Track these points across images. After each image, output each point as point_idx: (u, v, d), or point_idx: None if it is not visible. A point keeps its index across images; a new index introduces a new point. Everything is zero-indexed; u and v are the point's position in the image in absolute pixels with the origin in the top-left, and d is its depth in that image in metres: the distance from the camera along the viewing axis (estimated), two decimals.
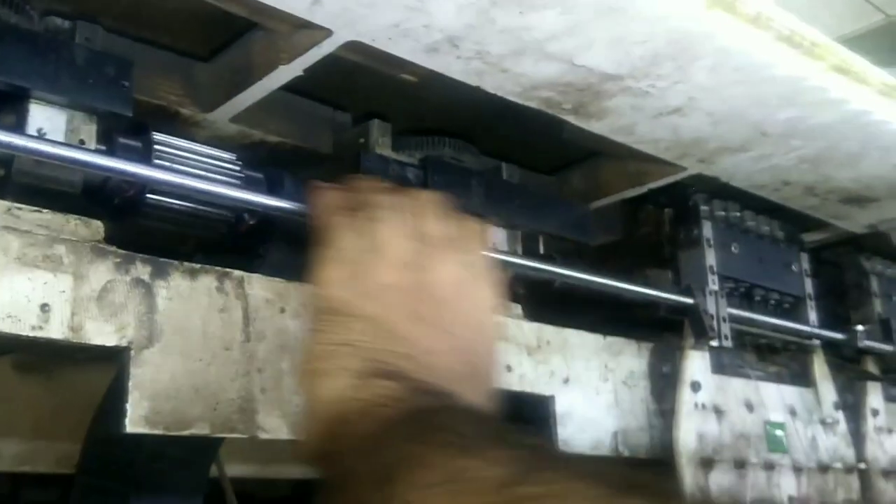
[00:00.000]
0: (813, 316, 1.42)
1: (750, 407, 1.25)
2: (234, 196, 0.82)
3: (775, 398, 1.30)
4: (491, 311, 0.77)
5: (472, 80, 0.90)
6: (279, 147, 1.02)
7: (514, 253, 1.06)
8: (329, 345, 0.69)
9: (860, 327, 1.46)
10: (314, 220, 0.78)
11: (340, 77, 0.92)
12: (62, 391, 1.13)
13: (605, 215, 1.21)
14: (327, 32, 0.80)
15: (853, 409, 1.43)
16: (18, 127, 0.75)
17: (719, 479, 1.17)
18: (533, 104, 0.95)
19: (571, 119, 0.99)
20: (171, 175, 0.78)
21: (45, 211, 0.77)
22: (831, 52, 0.91)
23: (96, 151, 0.77)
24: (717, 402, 1.20)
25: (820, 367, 1.41)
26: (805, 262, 1.43)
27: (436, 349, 0.71)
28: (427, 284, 0.73)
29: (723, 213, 1.31)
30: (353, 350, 0.68)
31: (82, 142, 0.77)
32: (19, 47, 0.73)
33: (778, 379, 1.34)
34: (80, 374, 1.13)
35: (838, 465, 1.33)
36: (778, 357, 1.39)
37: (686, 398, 1.17)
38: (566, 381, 1.10)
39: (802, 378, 1.39)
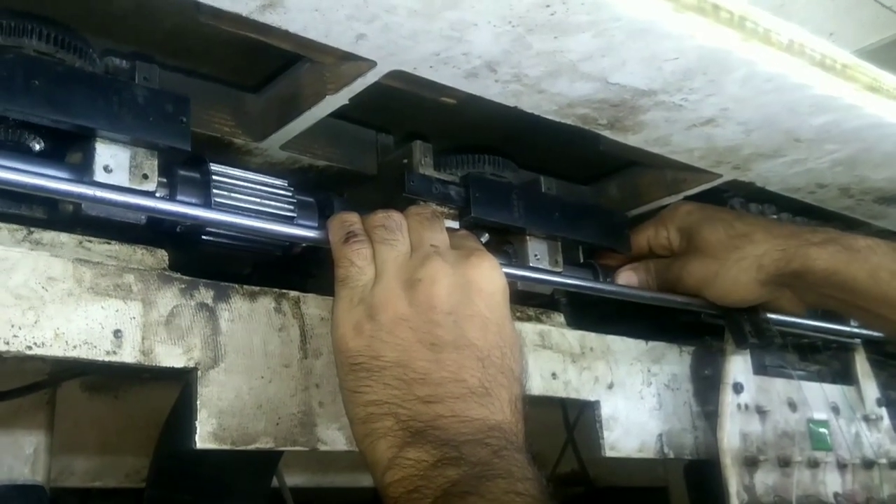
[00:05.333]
0: None
1: (793, 406, 1.27)
2: (285, 232, 0.86)
3: (818, 397, 1.31)
4: (497, 304, 0.79)
5: (509, 102, 0.92)
6: (327, 170, 1.05)
7: (555, 263, 1.09)
8: (365, 406, 0.74)
9: None
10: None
11: (383, 102, 0.94)
12: (128, 408, 1.18)
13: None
14: (371, 64, 0.83)
15: None
16: (86, 164, 0.79)
17: (764, 478, 1.19)
18: (569, 121, 0.97)
19: (607, 133, 1.01)
20: (228, 216, 0.82)
21: (113, 242, 0.81)
22: (862, 72, 0.93)
23: (161, 198, 0.81)
24: (760, 403, 1.22)
25: (862, 365, 1.42)
26: None
27: (462, 367, 0.74)
28: (432, 302, 0.76)
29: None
30: (388, 409, 0.73)
31: (146, 176, 0.80)
32: (84, 90, 0.77)
33: (820, 377, 1.36)
34: (145, 392, 1.18)
35: (883, 460, 1.34)
36: (819, 356, 1.40)
37: (729, 399, 1.19)
38: (610, 386, 1.13)
39: (844, 376, 1.41)
